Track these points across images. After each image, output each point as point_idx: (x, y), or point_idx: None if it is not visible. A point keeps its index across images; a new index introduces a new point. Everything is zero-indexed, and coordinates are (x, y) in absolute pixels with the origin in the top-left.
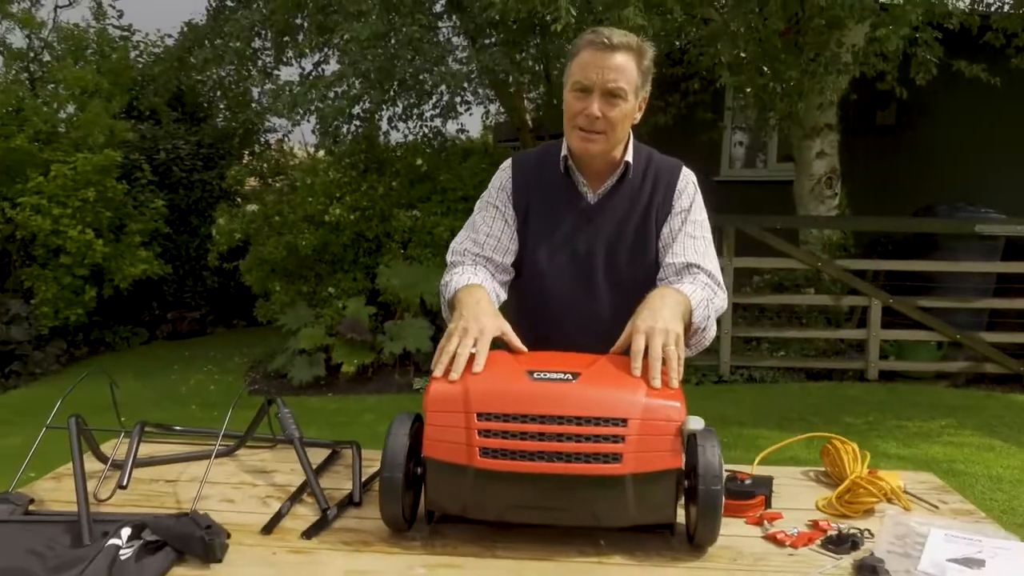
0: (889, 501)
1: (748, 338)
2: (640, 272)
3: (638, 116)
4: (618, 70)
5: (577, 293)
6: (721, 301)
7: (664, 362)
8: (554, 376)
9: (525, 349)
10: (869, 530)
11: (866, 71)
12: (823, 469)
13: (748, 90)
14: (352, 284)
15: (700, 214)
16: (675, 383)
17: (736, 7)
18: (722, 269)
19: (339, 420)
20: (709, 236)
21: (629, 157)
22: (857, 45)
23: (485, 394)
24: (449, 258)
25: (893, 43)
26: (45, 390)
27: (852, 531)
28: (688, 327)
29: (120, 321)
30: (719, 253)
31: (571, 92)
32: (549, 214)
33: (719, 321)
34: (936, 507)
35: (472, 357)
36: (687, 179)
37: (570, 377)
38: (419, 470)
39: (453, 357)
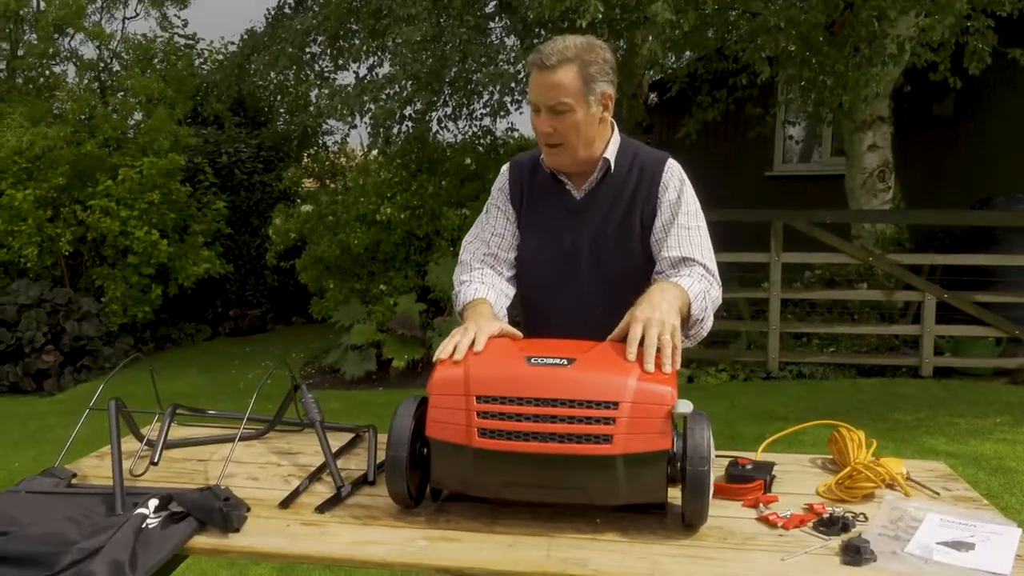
0: (890, 487)
1: (798, 334)
2: (625, 263)
3: (606, 115)
4: (556, 87)
5: (564, 286)
6: (717, 293)
7: (659, 350)
8: (550, 361)
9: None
10: (864, 514)
11: (915, 62)
12: (831, 457)
13: (798, 84)
14: (403, 281)
15: (692, 205)
16: (668, 369)
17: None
18: (769, 264)
19: (387, 412)
20: (703, 225)
21: (608, 154)
22: (903, 36)
23: (484, 378)
24: (461, 255)
25: (939, 33)
26: (113, 384)
27: (845, 514)
28: (686, 319)
29: (185, 318)
30: (766, 248)
31: (531, 111)
32: (540, 211)
33: (766, 316)
34: (937, 494)
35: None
36: (672, 171)
37: (565, 362)
38: (424, 450)
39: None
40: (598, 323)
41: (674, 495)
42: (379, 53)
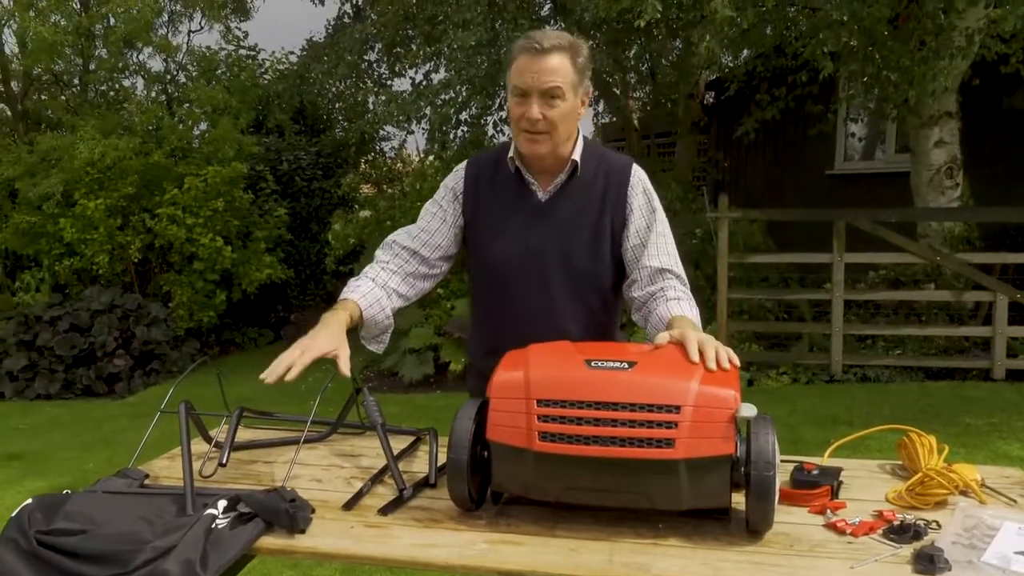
0: (963, 494)
1: (862, 336)
2: (593, 265)
3: (582, 112)
4: (553, 71)
5: (530, 288)
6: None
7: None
8: (610, 364)
9: (348, 373)
10: (937, 521)
11: (985, 54)
12: (900, 463)
13: (861, 79)
14: (460, 285)
15: (661, 212)
16: (732, 364)
17: None
18: (832, 265)
19: (445, 415)
20: (669, 231)
21: (576, 155)
22: (971, 28)
23: (544, 381)
24: (384, 239)
25: (1011, 23)
26: (181, 387)
27: (917, 522)
28: None
29: (248, 323)
30: (828, 249)
31: (512, 98)
32: (502, 212)
33: (829, 318)
34: (1015, 501)
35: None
36: (639, 175)
37: (626, 365)
38: (485, 453)
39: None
40: (563, 323)
41: (738, 500)
42: (435, 59)
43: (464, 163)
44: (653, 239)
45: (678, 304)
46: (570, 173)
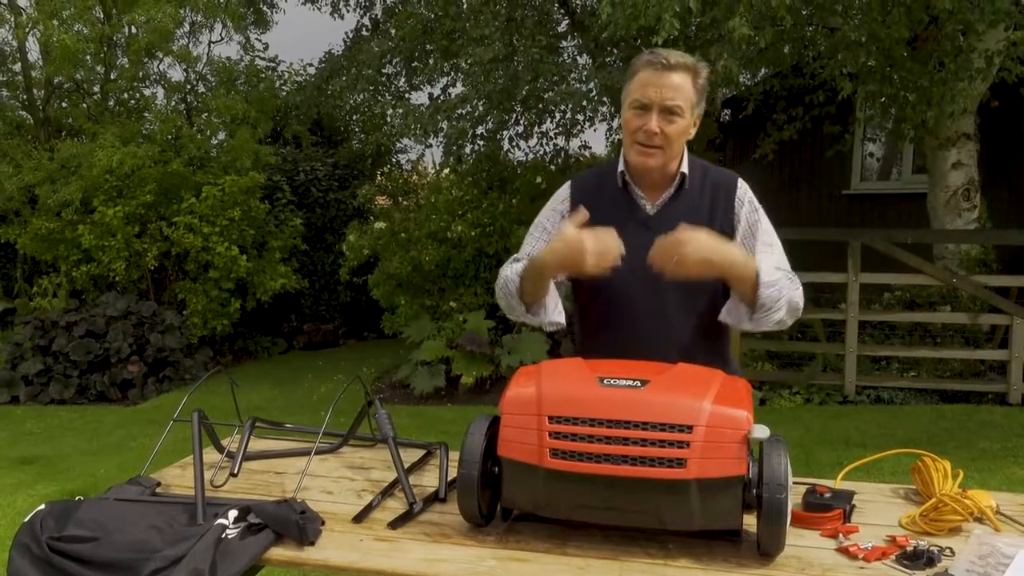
0: (978, 521)
1: (876, 357)
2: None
3: (693, 132)
4: (675, 88)
5: (643, 301)
6: (800, 296)
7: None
8: (623, 383)
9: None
10: (951, 548)
11: (1005, 77)
12: (914, 487)
13: (879, 99)
14: (473, 299)
15: (768, 224)
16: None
17: (861, 15)
18: (847, 285)
19: (455, 429)
20: (780, 243)
21: (684, 169)
22: (991, 50)
23: (556, 398)
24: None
25: None
26: (193, 395)
27: (930, 548)
28: (752, 301)
29: (261, 332)
30: (844, 269)
31: (630, 110)
32: (610, 224)
33: (843, 338)
34: None
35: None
36: (744, 189)
37: (639, 384)
38: (495, 469)
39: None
40: (676, 337)
41: (749, 522)
42: (452, 73)
43: (567, 183)
44: (759, 248)
45: (767, 267)
46: (678, 187)
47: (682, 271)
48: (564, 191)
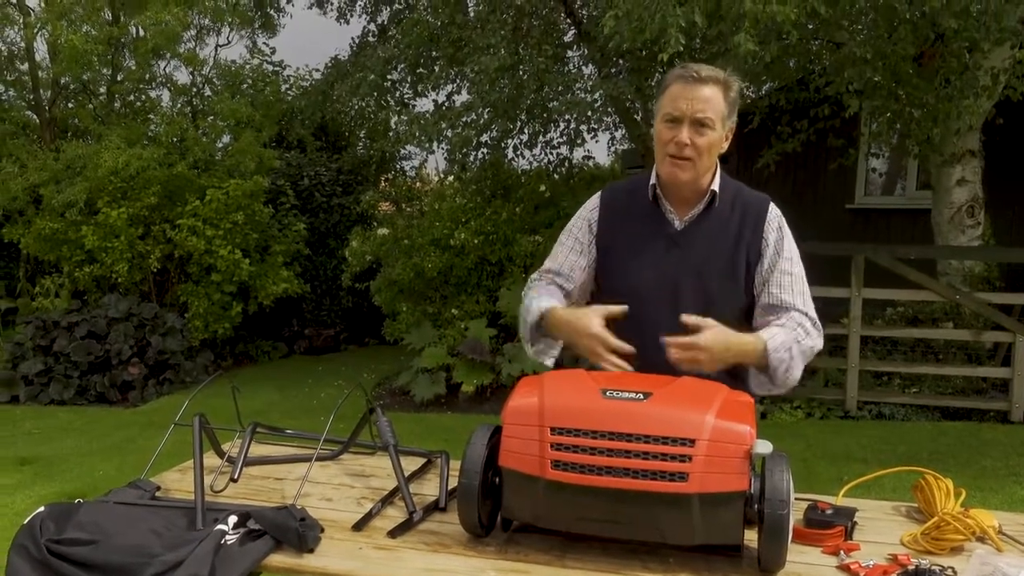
0: (980, 540)
1: (878, 373)
2: (726, 296)
3: (725, 146)
4: (706, 101)
5: (664, 314)
6: (813, 341)
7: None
8: (626, 395)
9: (626, 309)
10: (953, 568)
11: (1010, 95)
12: (916, 505)
13: (884, 115)
14: (475, 306)
15: (793, 251)
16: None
17: (867, 32)
18: (849, 300)
19: (455, 436)
20: (802, 272)
21: (716, 187)
22: (997, 68)
23: (559, 409)
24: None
25: None
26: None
27: (932, 567)
28: (764, 367)
29: (262, 336)
30: (846, 283)
31: (662, 123)
32: (637, 239)
33: (845, 353)
34: None
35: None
36: (775, 214)
37: (641, 396)
38: (496, 479)
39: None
40: None
41: (750, 538)
42: (457, 81)
43: (598, 193)
44: (776, 276)
45: (774, 328)
46: (707, 204)
47: (697, 368)
48: (595, 200)
